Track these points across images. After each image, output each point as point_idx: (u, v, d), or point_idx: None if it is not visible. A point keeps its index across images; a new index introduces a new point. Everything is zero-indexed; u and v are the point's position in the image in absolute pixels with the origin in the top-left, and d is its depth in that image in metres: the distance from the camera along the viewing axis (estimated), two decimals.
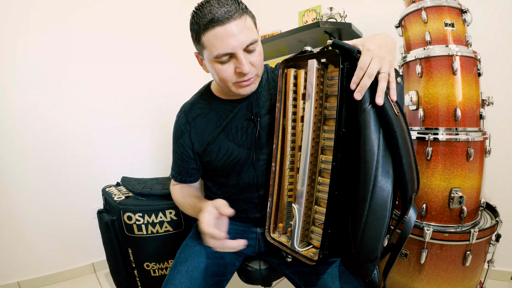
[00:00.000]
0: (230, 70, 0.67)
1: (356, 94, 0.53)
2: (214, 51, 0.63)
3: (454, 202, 0.91)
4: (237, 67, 0.66)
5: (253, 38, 0.65)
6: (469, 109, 0.93)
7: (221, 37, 0.61)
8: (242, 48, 0.64)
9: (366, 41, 0.57)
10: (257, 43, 0.68)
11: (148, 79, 1.86)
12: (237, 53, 0.63)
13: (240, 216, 0.86)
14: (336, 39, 0.59)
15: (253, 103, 0.79)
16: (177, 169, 0.88)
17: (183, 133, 0.83)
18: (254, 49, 0.67)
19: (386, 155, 0.52)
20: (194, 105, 0.84)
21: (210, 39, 0.63)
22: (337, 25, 1.43)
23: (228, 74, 0.67)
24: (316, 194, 0.66)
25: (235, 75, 0.68)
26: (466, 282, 0.94)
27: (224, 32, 0.61)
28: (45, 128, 1.52)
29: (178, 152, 0.85)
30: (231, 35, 0.61)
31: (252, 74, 0.69)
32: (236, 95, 0.75)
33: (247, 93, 0.73)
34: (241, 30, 0.62)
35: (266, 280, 0.87)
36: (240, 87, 0.71)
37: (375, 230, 0.51)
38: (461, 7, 0.96)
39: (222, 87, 0.74)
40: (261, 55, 0.70)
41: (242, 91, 0.72)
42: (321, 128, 0.65)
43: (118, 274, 1.19)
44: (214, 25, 0.61)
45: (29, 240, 1.52)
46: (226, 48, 0.62)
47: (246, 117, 0.79)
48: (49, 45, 1.50)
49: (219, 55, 0.63)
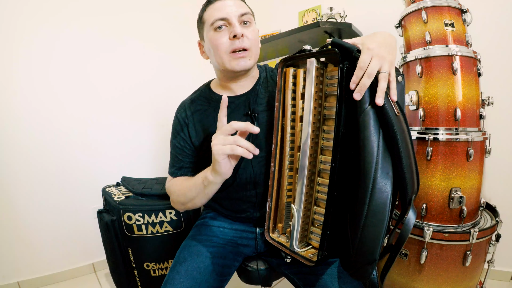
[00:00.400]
0: (225, 37, 0.72)
1: (355, 94, 0.52)
2: (211, 19, 0.72)
3: (454, 202, 0.91)
4: (231, 32, 0.71)
5: (247, 10, 0.74)
6: (469, 109, 0.93)
7: (218, 7, 0.71)
8: (236, 17, 0.71)
9: (366, 40, 0.56)
10: (251, 18, 0.75)
11: (148, 79, 1.86)
12: (230, 18, 0.71)
13: (239, 216, 0.86)
14: (335, 38, 0.58)
15: (251, 99, 0.80)
16: (178, 164, 0.85)
17: (183, 126, 0.84)
18: (249, 22, 0.74)
19: (385, 157, 0.51)
20: (194, 101, 0.86)
21: (209, 12, 0.73)
22: (337, 25, 1.43)
23: (222, 42, 0.72)
24: (315, 195, 0.66)
25: (230, 42, 0.72)
26: (466, 282, 0.95)
27: (221, 4, 0.72)
28: (45, 129, 1.52)
29: (179, 146, 0.85)
30: (227, 5, 0.71)
31: (246, 43, 0.73)
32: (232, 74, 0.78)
33: (241, 68, 0.75)
34: (237, 4, 0.73)
35: (266, 280, 0.87)
36: (234, 59, 0.73)
37: (373, 232, 0.51)
38: (461, 7, 0.96)
39: (218, 62, 0.76)
40: (255, 32, 0.76)
41: (236, 64, 0.73)
42: (321, 128, 0.64)
43: (118, 274, 1.19)
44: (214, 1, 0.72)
45: (29, 240, 1.52)
46: (221, 14, 0.71)
47: (244, 113, 0.80)
48: (49, 46, 1.50)
49: (215, 20, 0.71)
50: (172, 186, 0.85)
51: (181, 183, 0.82)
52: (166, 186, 0.89)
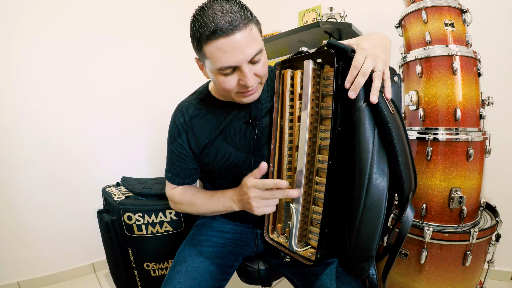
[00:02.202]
0: (234, 81, 0.64)
1: (350, 92, 0.53)
2: (218, 64, 0.60)
3: (454, 202, 0.91)
4: (240, 79, 0.63)
5: (258, 49, 0.61)
6: (469, 109, 0.93)
7: (225, 49, 0.57)
8: (247, 61, 0.60)
9: (360, 40, 0.57)
10: (262, 52, 0.64)
11: (148, 79, 1.86)
12: (241, 66, 0.60)
13: (238, 217, 0.86)
14: (331, 39, 0.59)
15: (252, 106, 0.77)
16: (175, 170, 0.82)
17: (181, 132, 0.79)
18: (259, 60, 0.63)
19: (381, 153, 0.52)
20: (191, 105, 0.81)
21: (213, 51, 0.58)
22: (337, 25, 1.43)
23: (231, 86, 0.65)
24: (313, 194, 0.66)
25: (238, 86, 0.65)
26: (466, 282, 0.94)
27: (228, 44, 0.57)
28: (45, 129, 1.52)
29: (176, 152, 0.81)
30: (235, 47, 0.57)
31: (255, 84, 0.66)
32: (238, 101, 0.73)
33: (249, 101, 0.71)
34: (247, 41, 0.58)
35: (266, 280, 0.87)
36: (243, 97, 0.68)
37: (370, 229, 0.51)
38: (461, 7, 0.96)
39: (224, 95, 0.74)
40: (265, 65, 0.67)
41: (245, 100, 0.69)
42: (318, 127, 0.65)
43: (118, 274, 1.19)
44: (218, 36, 0.56)
45: (29, 240, 1.52)
46: (230, 62, 0.59)
47: (244, 120, 0.77)
48: (49, 46, 1.50)
49: (223, 68, 0.60)
50: (177, 197, 0.84)
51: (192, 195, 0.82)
52: (167, 193, 0.87)
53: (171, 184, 0.85)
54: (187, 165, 0.82)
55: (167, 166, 0.85)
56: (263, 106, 0.78)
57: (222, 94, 0.74)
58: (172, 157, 0.83)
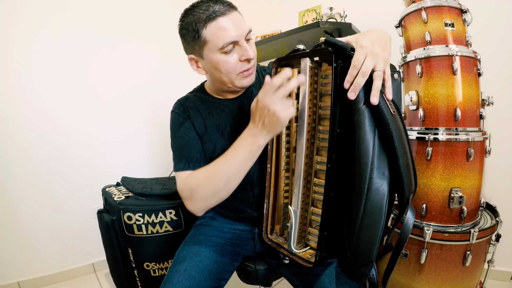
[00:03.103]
0: (235, 59, 0.68)
1: (349, 93, 0.52)
2: (220, 42, 0.65)
3: (454, 202, 0.91)
4: (242, 54, 0.68)
5: (249, 28, 0.69)
6: (469, 109, 0.93)
7: (224, 27, 0.64)
8: (243, 37, 0.67)
9: (359, 38, 0.55)
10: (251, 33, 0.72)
11: (148, 79, 1.86)
12: (240, 41, 0.66)
13: (238, 216, 0.86)
14: (329, 37, 0.58)
15: (245, 102, 0.80)
16: (186, 156, 0.76)
17: (185, 119, 0.81)
18: (250, 38, 0.71)
19: (381, 156, 0.51)
20: (188, 99, 0.85)
21: (213, 31, 0.64)
22: (337, 25, 1.43)
23: (232, 64, 0.69)
24: (312, 195, 0.66)
25: (240, 64, 0.69)
26: (466, 282, 0.94)
27: (227, 21, 0.64)
28: (45, 129, 1.52)
29: (185, 138, 0.78)
30: (234, 24, 0.65)
31: (254, 62, 0.72)
32: (236, 90, 0.77)
33: (249, 84, 0.75)
34: (240, 20, 0.67)
35: (266, 280, 0.87)
36: (243, 77, 0.72)
37: (370, 234, 0.50)
38: (461, 7, 0.96)
39: (225, 82, 0.72)
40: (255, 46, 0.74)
41: (245, 82, 0.73)
42: (316, 128, 0.64)
43: (118, 274, 1.19)
44: (216, 16, 0.63)
45: (29, 240, 1.52)
46: (231, 37, 0.65)
47: (238, 116, 0.80)
48: (49, 45, 1.50)
49: (225, 44, 0.65)
50: (194, 179, 0.71)
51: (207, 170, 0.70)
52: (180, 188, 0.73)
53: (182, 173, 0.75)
54: (198, 147, 0.78)
55: (175, 159, 0.78)
56: None
57: (221, 81, 0.73)
58: (181, 145, 0.78)
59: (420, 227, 0.92)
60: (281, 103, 0.57)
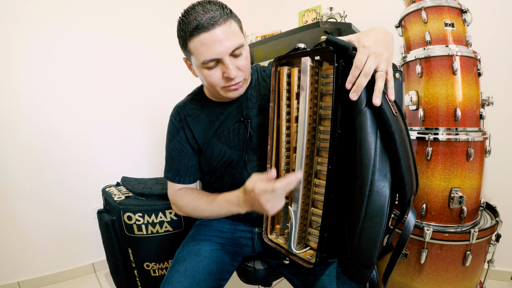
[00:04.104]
0: (218, 75, 0.67)
1: (351, 94, 0.50)
2: (201, 57, 0.64)
3: (454, 202, 0.91)
4: (224, 72, 0.66)
5: (238, 43, 0.65)
6: (469, 109, 0.93)
7: (206, 43, 0.62)
8: (228, 54, 0.64)
9: (361, 37, 0.54)
10: (243, 47, 0.67)
11: (148, 79, 1.86)
12: (223, 58, 0.64)
13: (237, 216, 0.86)
14: (330, 36, 0.56)
15: (243, 105, 0.79)
16: (175, 168, 0.83)
17: (178, 130, 0.83)
18: (241, 54, 0.67)
19: (383, 158, 0.50)
20: (186, 105, 0.84)
21: (196, 46, 0.63)
22: (337, 25, 1.43)
23: (215, 79, 0.68)
24: (312, 196, 0.65)
25: (223, 80, 0.68)
26: (466, 282, 0.94)
27: (209, 38, 0.61)
28: (45, 128, 1.52)
29: (176, 150, 0.83)
30: (216, 41, 0.62)
31: (239, 78, 0.69)
32: (225, 98, 0.76)
33: (235, 97, 0.74)
34: (227, 35, 0.63)
35: (266, 280, 0.87)
36: (228, 91, 0.71)
37: (371, 236, 0.50)
38: (461, 7, 0.96)
39: (211, 91, 0.75)
40: (247, 59, 0.70)
41: (230, 95, 0.72)
42: (317, 128, 0.63)
43: (118, 274, 1.19)
44: (199, 32, 0.61)
45: (29, 240, 1.52)
46: (212, 54, 0.63)
47: (237, 119, 0.79)
48: (49, 45, 1.50)
49: (206, 61, 0.64)
50: (181, 200, 0.82)
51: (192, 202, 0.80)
52: (169, 196, 0.86)
53: (172, 184, 0.85)
54: (186, 162, 0.83)
55: (166, 166, 0.86)
56: (255, 105, 0.79)
57: (209, 90, 0.75)
58: (171, 156, 0.84)
59: (420, 227, 0.92)
60: (273, 203, 0.61)
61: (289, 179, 0.59)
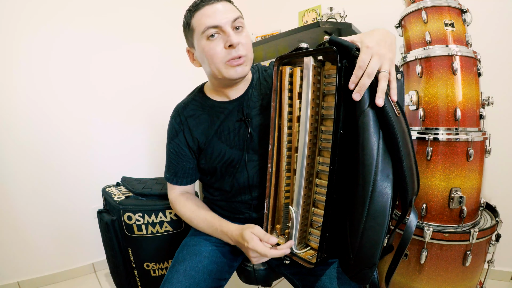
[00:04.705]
0: (220, 46, 0.68)
1: (354, 94, 0.50)
2: (202, 26, 0.67)
3: (454, 202, 0.91)
4: (226, 41, 0.67)
5: (238, 15, 0.69)
6: (469, 109, 0.93)
7: (208, 14, 0.66)
8: (228, 24, 0.67)
9: (364, 38, 0.54)
10: (244, 22, 0.71)
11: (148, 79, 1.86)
12: (223, 27, 0.66)
13: (237, 217, 0.86)
14: (333, 36, 0.56)
15: (244, 104, 0.79)
16: (173, 170, 0.85)
17: (178, 132, 0.83)
18: (242, 27, 0.70)
19: (385, 159, 0.50)
20: (187, 106, 0.84)
21: (199, 18, 0.68)
22: (337, 25, 1.43)
23: (217, 51, 0.68)
24: (313, 196, 0.65)
25: (225, 52, 0.68)
26: (466, 282, 0.94)
27: (211, 10, 0.66)
28: (45, 128, 1.52)
29: (174, 152, 0.84)
30: (217, 11, 0.66)
31: (242, 51, 0.69)
32: (228, 82, 0.74)
33: (239, 76, 0.71)
34: (227, 9, 0.68)
35: (266, 280, 0.87)
36: (231, 67, 0.69)
37: (373, 236, 0.50)
38: (461, 7, 0.96)
39: (215, 73, 0.72)
40: (248, 37, 0.72)
41: (233, 72, 0.70)
42: (318, 128, 0.63)
43: (118, 274, 1.19)
44: (203, 5, 0.67)
45: (29, 240, 1.52)
46: (212, 21, 0.66)
47: (237, 118, 0.79)
48: (49, 45, 1.50)
49: (205, 28, 0.66)
50: (179, 207, 0.86)
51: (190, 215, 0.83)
52: (169, 195, 0.89)
53: (171, 185, 0.87)
54: (185, 164, 0.84)
55: (166, 167, 0.88)
56: (256, 104, 0.79)
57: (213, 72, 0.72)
58: (170, 157, 0.85)
59: (420, 227, 0.92)
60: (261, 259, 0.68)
61: (284, 250, 0.64)
